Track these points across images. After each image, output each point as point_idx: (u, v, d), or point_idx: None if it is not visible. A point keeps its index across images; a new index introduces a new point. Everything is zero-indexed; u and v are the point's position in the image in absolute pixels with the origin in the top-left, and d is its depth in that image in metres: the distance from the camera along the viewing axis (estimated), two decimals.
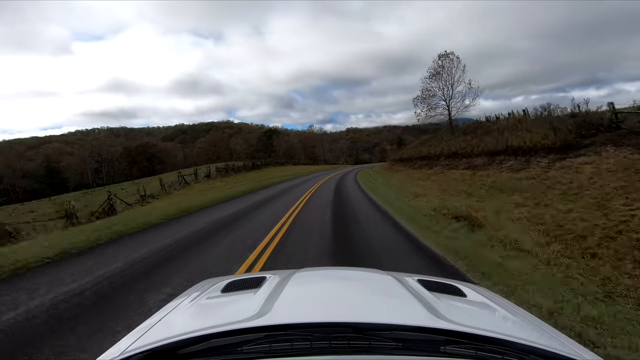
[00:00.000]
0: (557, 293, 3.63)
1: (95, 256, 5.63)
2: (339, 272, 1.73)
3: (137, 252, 5.67)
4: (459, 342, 0.78)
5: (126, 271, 4.61)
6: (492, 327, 0.92)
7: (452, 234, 6.50)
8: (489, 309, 1.15)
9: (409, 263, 4.58)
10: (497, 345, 0.79)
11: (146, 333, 0.94)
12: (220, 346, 0.79)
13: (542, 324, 1.08)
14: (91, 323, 3.09)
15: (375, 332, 0.80)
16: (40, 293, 3.94)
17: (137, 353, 0.80)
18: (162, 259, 5.17)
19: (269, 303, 1.02)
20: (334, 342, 0.77)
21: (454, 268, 4.39)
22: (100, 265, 4.96)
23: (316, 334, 0.79)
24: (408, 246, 5.51)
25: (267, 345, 0.78)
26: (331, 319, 0.89)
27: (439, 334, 0.81)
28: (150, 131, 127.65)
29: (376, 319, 0.88)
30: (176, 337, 0.83)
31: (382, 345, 0.77)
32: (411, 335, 0.80)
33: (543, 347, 0.80)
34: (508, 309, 1.15)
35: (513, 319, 1.08)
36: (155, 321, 1.04)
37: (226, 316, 1.00)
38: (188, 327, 0.88)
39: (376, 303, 1.16)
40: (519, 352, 0.77)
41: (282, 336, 0.80)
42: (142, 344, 0.85)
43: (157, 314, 1.13)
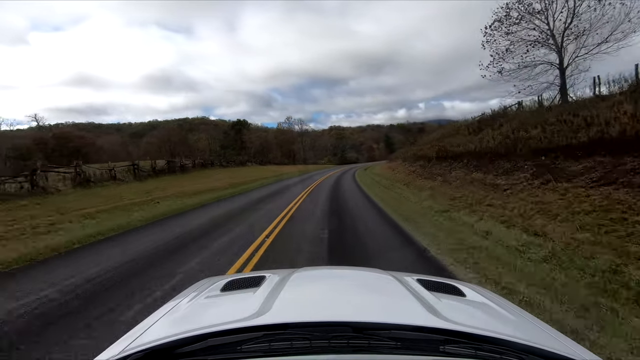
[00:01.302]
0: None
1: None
2: (338, 272, 1.73)
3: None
4: (459, 342, 0.79)
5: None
6: (492, 326, 0.94)
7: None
8: (489, 309, 1.17)
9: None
10: (496, 345, 0.79)
11: (145, 332, 0.94)
12: (219, 345, 0.79)
13: (541, 323, 1.09)
14: None
15: (374, 332, 0.81)
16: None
17: (135, 352, 0.80)
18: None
19: (269, 302, 1.02)
20: (333, 341, 0.78)
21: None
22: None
23: (315, 333, 0.79)
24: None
25: (266, 344, 0.77)
26: (330, 318, 0.89)
27: (439, 333, 0.81)
28: (120, 127, 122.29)
29: (375, 318, 0.88)
30: (174, 336, 0.83)
31: (381, 345, 0.78)
32: (410, 335, 0.81)
33: (542, 347, 0.81)
34: (507, 309, 1.17)
35: (512, 319, 1.09)
36: (154, 320, 1.04)
37: (225, 315, 0.99)
38: (187, 326, 0.87)
39: (376, 302, 1.16)
40: (518, 351, 0.78)
41: (281, 335, 0.80)
42: (140, 343, 0.84)
43: (156, 313, 1.12)
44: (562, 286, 3.71)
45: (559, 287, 3.67)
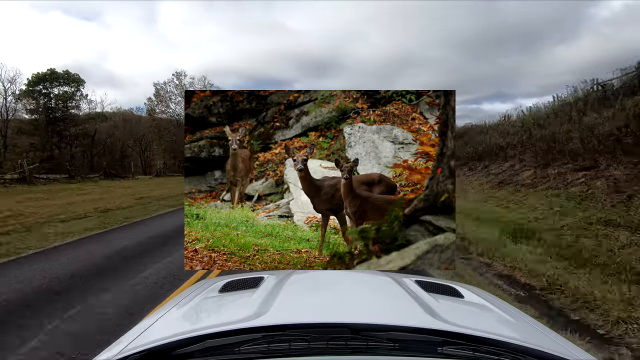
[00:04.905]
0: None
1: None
2: (337, 273, 1.74)
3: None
4: (457, 343, 0.79)
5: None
6: (490, 328, 0.94)
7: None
8: (486, 310, 1.17)
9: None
10: (494, 346, 0.80)
11: (143, 333, 0.94)
12: (217, 346, 0.79)
13: (539, 324, 1.10)
14: None
15: (372, 333, 0.81)
16: None
17: (134, 353, 0.80)
18: None
19: (267, 303, 1.02)
20: (331, 342, 0.78)
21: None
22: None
23: (314, 335, 0.79)
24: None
25: (265, 346, 0.77)
26: (329, 319, 0.89)
27: (437, 334, 0.81)
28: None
29: (374, 320, 0.89)
30: (173, 337, 0.83)
31: (379, 346, 0.78)
32: (408, 336, 0.81)
33: (538, 348, 0.81)
34: (505, 310, 1.17)
35: (510, 320, 1.10)
36: (153, 321, 1.04)
37: (224, 316, 1.00)
38: (185, 327, 0.87)
39: (374, 304, 1.16)
40: (515, 353, 0.79)
41: (280, 336, 0.80)
42: (139, 344, 0.85)
43: (155, 314, 1.12)
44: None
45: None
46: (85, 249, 5.96)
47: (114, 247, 6.06)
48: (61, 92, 29.84)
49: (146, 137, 37.47)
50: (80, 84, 30.85)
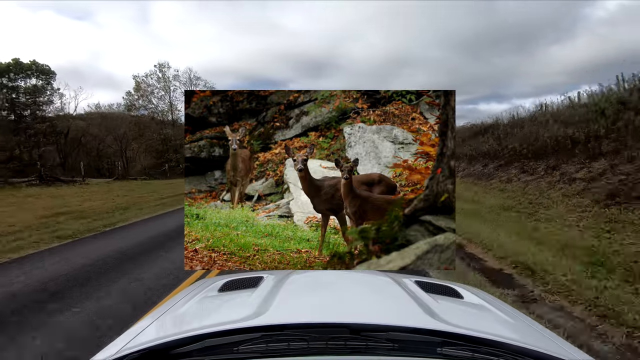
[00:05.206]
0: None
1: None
2: (336, 273, 1.73)
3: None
4: (456, 344, 0.79)
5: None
6: (489, 328, 0.94)
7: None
8: (486, 311, 1.17)
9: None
10: (493, 347, 0.80)
11: (142, 332, 0.94)
12: (216, 345, 0.79)
13: (538, 325, 1.10)
14: None
15: (371, 333, 0.81)
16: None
17: (132, 352, 0.80)
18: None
19: (266, 303, 1.02)
20: (330, 342, 0.78)
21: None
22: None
23: (313, 334, 0.79)
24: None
25: (263, 345, 0.77)
26: (328, 319, 0.89)
27: (436, 335, 0.81)
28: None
29: (373, 320, 0.88)
30: (171, 336, 0.83)
31: (378, 346, 0.78)
32: (408, 337, 0.81)
33: (537, 349, 0.81)
34: (504, 311, 1.17)
35: (509, 321, 1.10)
36: (152, 320, 1.04)
37: (223, 315, 0.99)
38: (184, 327, 0.87)
39: (373, 304, 1.16)
40: (514, 353, 0.79)
41: (279, 336, 0.80)
42: (137, 343, 0.84)
43: (154, 313, 1.12)
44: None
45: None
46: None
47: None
48: (29, 85, 25.98)
49: (126, 135, 32.45)
50: (51, 76, 26.98)
